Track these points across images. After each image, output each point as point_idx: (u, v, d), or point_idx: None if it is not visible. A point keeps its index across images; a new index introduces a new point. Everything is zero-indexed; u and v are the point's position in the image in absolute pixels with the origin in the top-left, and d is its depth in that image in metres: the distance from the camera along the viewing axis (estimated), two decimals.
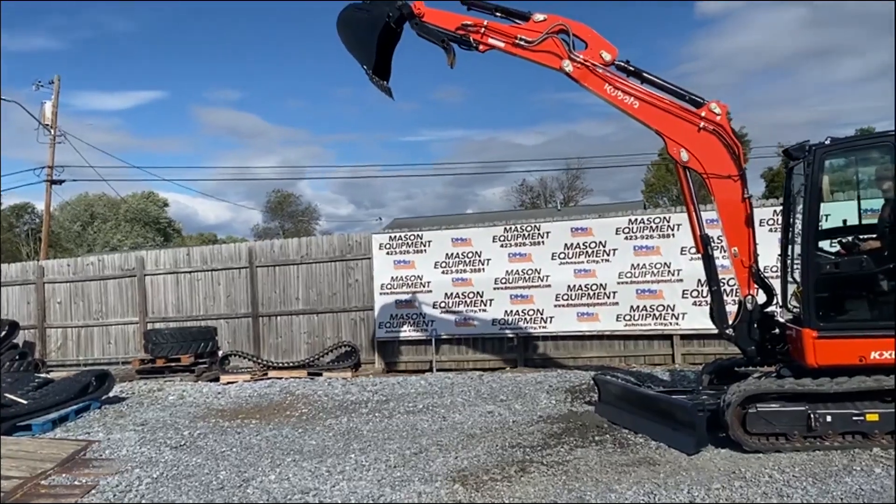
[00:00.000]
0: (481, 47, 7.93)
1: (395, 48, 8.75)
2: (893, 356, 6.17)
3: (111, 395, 11.04)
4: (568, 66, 7.61)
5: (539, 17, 7.79)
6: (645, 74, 7.63)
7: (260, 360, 13.66)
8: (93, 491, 6.30)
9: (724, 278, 8.98)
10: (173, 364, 13.40)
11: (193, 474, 6.76)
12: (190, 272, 15.11)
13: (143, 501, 5.98)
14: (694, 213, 7.62)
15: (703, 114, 7.34)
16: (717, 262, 7.68)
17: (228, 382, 12.50)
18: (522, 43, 7.72)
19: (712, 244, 7.63)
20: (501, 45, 7.84)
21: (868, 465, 5.79)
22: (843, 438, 6.25)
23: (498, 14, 8.09)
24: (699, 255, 7.69)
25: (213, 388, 11.96)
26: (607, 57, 7.60)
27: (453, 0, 8.38)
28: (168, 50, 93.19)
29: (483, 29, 7.89)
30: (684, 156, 7.40)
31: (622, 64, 7.68)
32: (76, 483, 6.61)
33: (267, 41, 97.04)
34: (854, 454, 6.06)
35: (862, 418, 6.18)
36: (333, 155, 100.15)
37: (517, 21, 7.97)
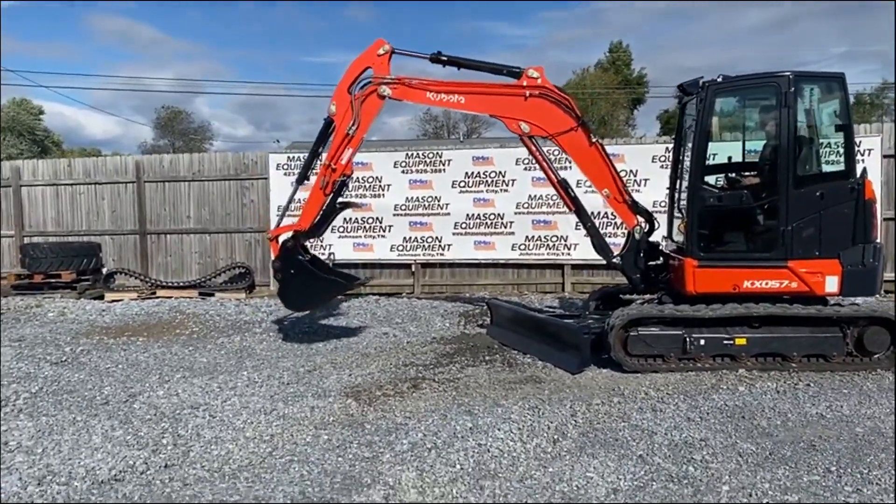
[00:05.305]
0: (347, 170, 7.88)
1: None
2: (766, 285, 6.68)
3: None
4: (385, 90, 7.74)
5: (332, 108, 7.88)
6: (460, 60, 7.84)
7: (148, 279, 13.18)
8: None
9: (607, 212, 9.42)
10: (53, 280, 12.70)
11: (76, 390, 6.53)
12: (72, 185, 14.20)
13: (21, 416, 5.73)
14: (549, 170, 7.91)
15: (524, 83, 7.56)
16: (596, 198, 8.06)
17: (114, 300, 12.03)
18: (353, 130, 7.71)
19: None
20: (350, 151, 7.81)
21: (733, 384, 6.27)
22: (714, 360, 6.74)
23: (320, 151, 8.19)
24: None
25: (96, 305, 11.49)
26: (384, 50, 7.79)
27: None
28: None
29: (331, 166, 7.81)
30: (525, 128, 7.64)
31: (435, 56, 7.84)
32: None
33: None
34: (722, 374, 6.55)
35: (731, 342, 6.67)
36: (234, 72, 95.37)
37: (330, 134, 7.94)
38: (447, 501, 4.00)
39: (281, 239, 8.05)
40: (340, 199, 8.07)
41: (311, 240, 8.43)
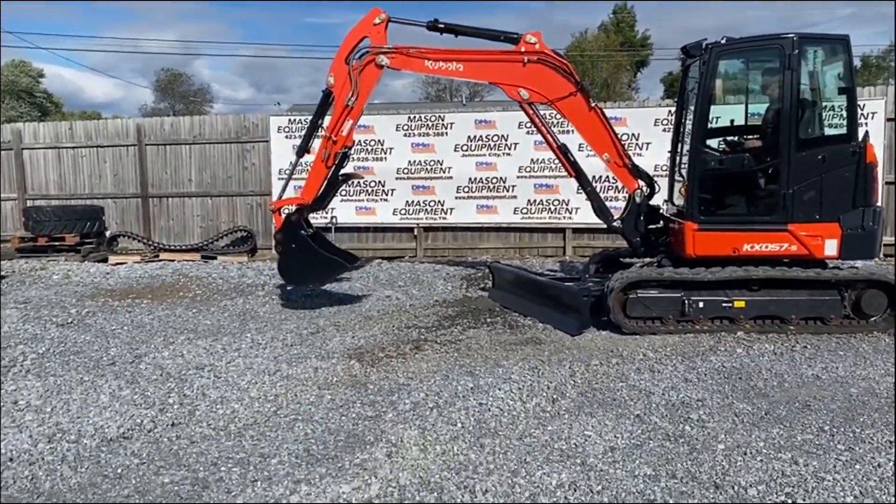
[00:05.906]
0: (347, 142, 7.81)
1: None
2: (765, 248, 6.72)
3: None
4: (384, 60, 7.68)
5: (331, 79, 7.80)
6: (458, 27, 7.78)
7: (151, 242, 13.26)
8: None
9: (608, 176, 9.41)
10: (57, 243, 12.79)
11: (82, 351, 6.62)
12: (73, 148, 14.19)
13: (30, 376, 5.82)
14: (548, 134, 7.93)
15: (522, 48, 7.53)
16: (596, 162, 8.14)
17: (117, 263, 12.11)
18: (352, 101, 7.64)
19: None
20: (350, 123, 7.73)
21: (731, 346, 6.35)
22: (712, 323, 6.80)
23: (319, 124, 8.13)
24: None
25: (101, 268, 11.57)
26: (380, 19, 7.71)
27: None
28: None
29: (332, 138, 7.73)
30: (524, 94, 7.64)
31: (432, 23, 7.78)
32: None
33: None
34: (720, 337, 6.62)
35: (730, 305, 6.73)
36: (235, 34, 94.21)
37: (330, 105, 7.89)
38: (448, 458, 4.09)
39: (284, 212, 8.06)
40: (343, 171, 8.06)
41: (315, 213, 8.44)
